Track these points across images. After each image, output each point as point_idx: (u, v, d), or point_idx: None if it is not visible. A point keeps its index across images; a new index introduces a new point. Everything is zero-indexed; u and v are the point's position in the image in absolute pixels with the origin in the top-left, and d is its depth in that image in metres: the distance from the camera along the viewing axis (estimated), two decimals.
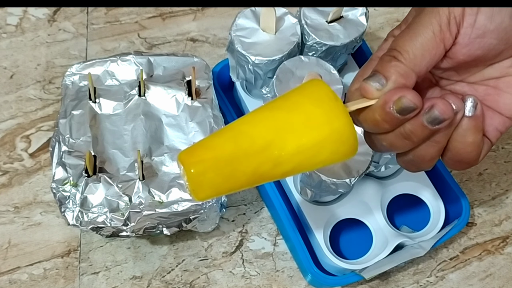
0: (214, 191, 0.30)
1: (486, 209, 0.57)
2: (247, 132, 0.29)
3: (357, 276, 0.48)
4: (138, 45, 0.63)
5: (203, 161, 0.29)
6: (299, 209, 0.51)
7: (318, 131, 0.29)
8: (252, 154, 0.29)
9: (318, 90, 0.30)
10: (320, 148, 0.29)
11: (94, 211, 0.45)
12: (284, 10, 0.50)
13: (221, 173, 0.29)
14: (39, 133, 0.58)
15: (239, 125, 0.30)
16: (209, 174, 0.29)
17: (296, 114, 0.29)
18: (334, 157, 0.30)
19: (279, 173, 0.30)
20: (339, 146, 0.29)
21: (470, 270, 0.54)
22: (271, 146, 0.29)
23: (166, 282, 0.52)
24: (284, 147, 0.29)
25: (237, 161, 0.29)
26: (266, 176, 0.30)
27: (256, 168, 0.29)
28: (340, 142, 0.29)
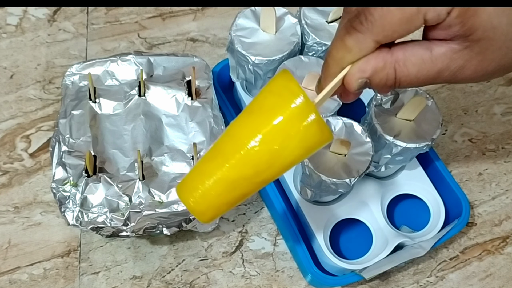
0: (216, 211, 0.32)
1: (486, 209, 0.57)
2: (229, 154, 0.31)
3: (357, 276, 0.48)
4: (138, 45, 0.63)
5: (196, 190, 0.31)
6: (299, 209, 0.51)
7: (285, 133, 0.30)
8: (240, 175, 0.31)
9: (280, 85, 0.30)
10: (290, 146, 0.30)
11: (94, 211, 0.45)
12: (284, 10, 0.50)
13: (217, 195, 0.31)
14: (39, 133, 0.58)
15: (221, 146, 0.32)
16: (205, 201, 0.32)
17: (265, 119, 0.30)
18: (307, 146, 0.31)
19: (271, 175, 0.31)
20: (308, 138, 0.30)
21: (470, 270, 0.54)
22: (254, 163, 0.30)
23: (166, 282, 0.52)
24: (261, 160, 0.30)
25: (228, 183, 0.31)
26: (254, 186, 0.32)
27: (247, 184, 0.31)
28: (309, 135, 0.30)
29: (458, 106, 0.62)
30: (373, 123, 0.46)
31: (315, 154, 0.44)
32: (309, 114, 0.29)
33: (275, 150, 0.30)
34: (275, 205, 0.50)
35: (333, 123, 0.46)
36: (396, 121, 0.47)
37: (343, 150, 0.44)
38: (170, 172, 0.48)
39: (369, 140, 0.45)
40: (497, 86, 0.63)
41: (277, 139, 0.30)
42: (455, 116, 0.62)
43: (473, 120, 0.61)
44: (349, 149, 0.44)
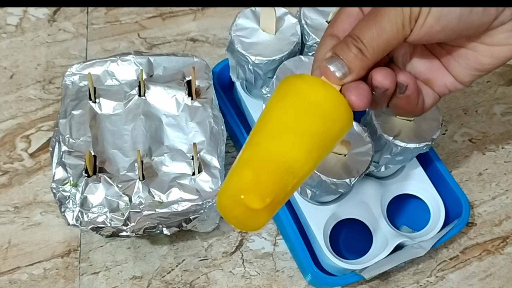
0: (271, 215, 0.31)
1: (486, 209, 0.57)
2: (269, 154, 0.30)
3: (357, 276, 0.48)
4: (138, 45, 0.63)
5: (244, 178, 0.30)
6: (299, 209, 0.51)
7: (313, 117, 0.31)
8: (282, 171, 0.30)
9: (291, 87, 0.31)
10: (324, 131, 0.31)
11: (94, 211, 0.45)
12: (284, 10, 0.50)
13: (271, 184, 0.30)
14: (39, 133, 0.58)
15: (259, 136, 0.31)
16: (259, 193, 0.30)
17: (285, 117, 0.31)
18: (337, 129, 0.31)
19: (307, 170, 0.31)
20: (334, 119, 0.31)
21: (470, 270, 0.54)
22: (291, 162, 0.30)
23: (166, 282, 0.52)
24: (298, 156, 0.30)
25: (281, 169, 0.30)
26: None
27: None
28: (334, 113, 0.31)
29: (458, 106, 0.62)
30: (373, 123, 0.46)
31: None
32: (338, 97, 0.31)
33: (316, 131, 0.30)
34: None
35: None
36: (396, 121, 0.47)
37: (343, 150, 0.44)
38: (170, 172, 0.48)
39: (369, 140, 0.45)
40: (497, 86, 0.63)
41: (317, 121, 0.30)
42: (455, 116, 0.62)
43: (473, 120, 0.61)
44: (349, 149, 0.44)
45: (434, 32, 0.30)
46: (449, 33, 0.30)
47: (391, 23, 0.29)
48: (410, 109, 0.34)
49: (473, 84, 0.63)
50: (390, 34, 0.30)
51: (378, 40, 0.30)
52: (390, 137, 0.45)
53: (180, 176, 0.47)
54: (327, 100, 0.31)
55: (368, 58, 0.30)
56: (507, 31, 0.30)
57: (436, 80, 0.34)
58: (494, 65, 0.32)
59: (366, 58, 0.30)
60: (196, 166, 0.47)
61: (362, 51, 0.30)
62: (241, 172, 0.31)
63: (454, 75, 0.34)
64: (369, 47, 0.30)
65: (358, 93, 0.31)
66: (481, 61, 0.32)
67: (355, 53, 0.30)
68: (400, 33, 0.30)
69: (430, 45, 0.35)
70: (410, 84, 0.32)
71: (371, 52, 0.30)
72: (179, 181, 0.47)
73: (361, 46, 0.30)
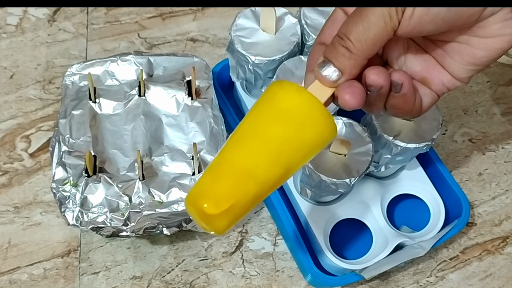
0: (233, 214, 0.31)
1: (486, 209, 0.57)
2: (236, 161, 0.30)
3: (357, 276, 0.48)
4: (138, 45, 0.63)
5: (210, 192, 0.30)
6: (299, 209, 0.51)
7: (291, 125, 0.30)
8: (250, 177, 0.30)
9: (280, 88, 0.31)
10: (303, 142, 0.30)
11: (94, 211, 0.45)
12: (284, 10, 0.50)
13: (232, 194, 0.30)
14: (39, 133, 0.58)
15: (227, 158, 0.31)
16: (220, 203, 0.30)
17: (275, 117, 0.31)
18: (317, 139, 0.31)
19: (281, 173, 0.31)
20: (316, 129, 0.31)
21: (470, 270, 0.54)
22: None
23: (166, 282, 0.52)
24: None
25: (243, 177, 0.30)
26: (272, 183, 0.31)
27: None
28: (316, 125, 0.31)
29: (458, 106, 0.62)
30: (373, 123, 0.46)
31: None
32: (318, 108, 0.30)
33: (285, 140, 0.30)
34: (275, 205, 0.50)
35: None
36: (396, 121, 0.47)
37: (343, 150, 0.44)
38: (170, 172, 0.48)
39: (369, 140, 0.45)
40: (497, 86, 0.63)
41: (290, 133, 0.30)
42: (455, 116, 0.62)
43: (473, 120, 0.61)
44: (349, 149, 0.44)
45: (424, 23, 0.29)
46: (440, 23, 0.29)
47: (377, 15, 0.29)
48: (407, 109, 0.34)
49: (473, 84, 0.63)
50: (378, 27, 0.29)
51: (366, 35, 0.29)
52: (390, 137, 0.45)
53: (180, 176, 0.47)
54: (300, 106, 0.30)
55: (357, 55, 0.30)
56: (499, 21, 0.30)
57: (433, 79, 0.34)
58: (489, 58, 0.32)
59: (355, 56, 0.30)
60: (196, 166, 0.47)
61: (350, 49, 0.30)
62: (203, 177, 0.31)
63: (451, 72, 0.34)
64: (356, 43, 0.30)
65: (351, 91, 0.31)
66: (476, 54, 0.32)
67: (342, 52, 0.30)
68: (388, 25, 0.29)
69: (424, 43, 0.34)
70: (405, 82, 0.32)
71: (360, 48, 0.30)
72: (179, 181, 0.47)
73: (348, 43, 0.30)
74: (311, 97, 0.30)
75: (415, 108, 0.34)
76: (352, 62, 0.30)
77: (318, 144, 0.31)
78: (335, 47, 0.30)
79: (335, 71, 0.31)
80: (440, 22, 0.29)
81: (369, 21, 0.29)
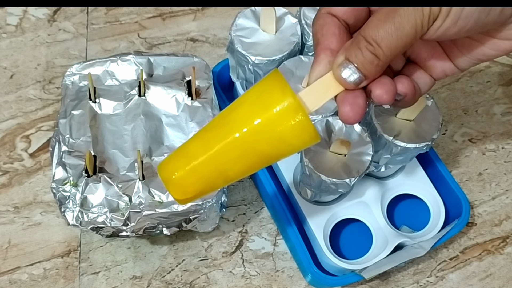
0: (196, 189, 0.32)
1: (486, 209, 0.57)
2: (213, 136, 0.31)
3: (357, 276, 0.48)
4: (138, 45, 0.63)
5: (179, 168, 0.31)
6: (299, 209, 0.51)
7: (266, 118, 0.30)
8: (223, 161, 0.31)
9: (271, 84, 0.30)
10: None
11: (94, 211, 0.45)
12: (284, 10, 0.50)
13: (197, 174, 0.31)
14: (39, 133, 0.58)
15: (211, 130, 0.32)
16: (187, 179, 0.32)
17: (254, 112, 0.30)
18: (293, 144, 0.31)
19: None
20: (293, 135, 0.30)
21: (470, 270, 0.54)
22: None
23: (166, 282, 0.52)
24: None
25: (208, 163, 0.31)
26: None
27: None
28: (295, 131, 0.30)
29: (458, 106, 0.62)
30: (373, 123, 0.46)
31: (315, 154, 0.44)
32: (296, 114, 0.29)
33: (260, 141, 0.30)
34: (275, 205, 0.50)
35: (333, 123, 0.46)
36: (396, 121, 0.47)
37: (343, 150, 0.44)
38: None
39: (369, 140, 0.45)
40: (497, 86, 0.63)
41: (264, 133, 0.30)
42: (455, 116, 0.62)
43: (473, 120, 0.61)
44: (349, 149, 0.44)
45: (449, 34, 0.29)
46: (463, 33, 0.29)
47: (411, 23, 0.28)
48: (406, 106, 0.34)
49: (473, 84, 0.63)
50: (409, 35, 0.28)
51: (396, 42, 0.28)
52: (390, 137, 0.45)
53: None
54: (292, 131, 0.29)
55: (384, 62, 0.29)
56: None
57: (436, 67, 0.34)
58: (496, 56, 0.32)
59: (382, 63, 0.29)
60: None
61: (379, 56, 0.29)
62: (179, 161, 0.32)
63: (455, 63, 0.33)
64: (386, 51, 0.28)
65: (353, 110, 0.30)
66: (486, 52, 0.32)
67: (371, 59, 0.29)
68: (419, 33, 0.28)
69: None
70: (408, 93, 0.32)
71: (388, 55, 0.29)
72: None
73: (378, 51, 0.29)
74: (306, 122, 0.29)
75: (413, 102, 0.34)
76: (378, 69, 0.29)
77: (294, 150, 0.31)
78: (363, 52, 0.29)
79: (357, 74, 0.29)
80: (464, 33, 0.29)
81: (402, 29, 0.28)
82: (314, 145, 0.44)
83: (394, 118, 0.47)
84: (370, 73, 0.29)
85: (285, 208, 0.50)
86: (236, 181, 0.33)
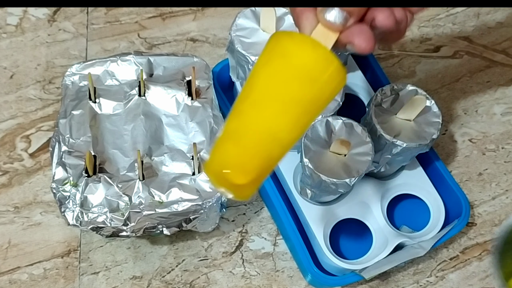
0: (255, 175, 0.30)
1: (486, 209, 0.57)
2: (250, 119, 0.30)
3: (357, 276, 0.48)
4: (138, 45, 0.63)
5: (229, 152, 0.29)
6: (299, 209, 0.51)
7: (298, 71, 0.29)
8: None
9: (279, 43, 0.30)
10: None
11: (94, 211, 0.46)
12: (284, 10, 0.50)
13: (253, 155, 0.29)
14: (39, 133, 0.58)
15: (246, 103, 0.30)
16: (243, 157, 0.29)
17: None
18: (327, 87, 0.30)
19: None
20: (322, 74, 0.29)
21: (470, 270, 0.54)
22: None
23: (166, 282, 0.52)
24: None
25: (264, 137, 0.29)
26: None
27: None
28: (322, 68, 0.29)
29: (458, 106, 0.62)
30: (373, 123, 0.46)
31: (315, 154, 0.44)
32: (314, 48, 0.29)
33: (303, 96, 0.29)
34: (275, 205, 0.50)
35: (333, 123, 0.46)
36: (396, 121, 0.47)
37: (343, 150, 0.44)
38: (170, 172, 0.48)
39: (369, 140, 0.45)
40: (497, 86, 0.63)
41: (292, 79, 0.29)
42: (455, 116, 0.62)
43: (473, 120, 0.61)
44: (349, 149, 0.44)
45: None
46: None
47: None
48: (398, 39, 0.34)
49: (473, 84, 0.63)
50: None
51: None
52: (390, 137, 0.45)
53: (180, 176, 0.47)
54: (317, 63, 0.29)
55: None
56: None
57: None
58: None
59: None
60: (196, 166, 0.47)
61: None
62: (225, 146, 0.30)
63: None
64: None
65: (365, 38, 0.29)
66: None
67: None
68: None
69: None
70: (404, 20, 0.32)
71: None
72: (179, 181, 0.47)
73: None
74: (326, 51, 0.29)
75: (396, 36, 0.34)
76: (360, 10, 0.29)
77: (331, 99, 0.30)
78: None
79: (342, 14, 0.29)
80: None
81: None
82: (314, 145, 0.44)
83: (394, 118, 0.47)
84: (353, 9, 0.29)
85: (285, 208, 0.50)
86: (293, 144, 0.30)
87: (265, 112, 0.29)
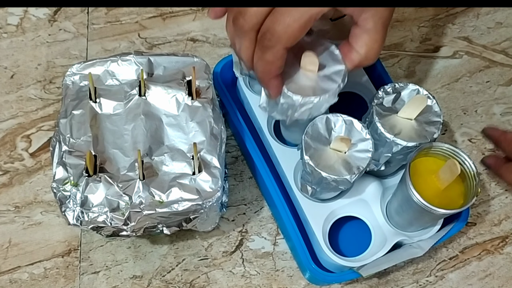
0: None
1: (486, 209, 0.57)
2: None
3: (355, 274, 0.48)
4: (138, 45, 0.63)
5: None
6: (299, 206, 0.51)
7: None
8: None
9: None
10: None
11: (94, 210, 0.46)
12: None
13: None
14: (39, 132, 0.58)
15: None
16: None
17: None
18: None
19: None
20: None
21: (469, 270, 0.54)
22: None
23: (166, 282, 0.52)
24: None
25: None
26: None
27: None
28: None
29: (458, 106, 0.62)
30: (374, 121, 0.46)
31: (316, 151, 0.44)
32: None
33: None
34: (275, 201, 0.50)
35: (333, 120, 0.46)
36: (397, 120, 0.47)
37: (343, 147, 0.44)
38: (170, 171, 0.48)
39: (369, 137, 0.45)
40: (496, 86, 0.63)
41: None
42: (455, 116, 0.62)
43: (473, 120, 0.61)
44: (349, 146, 0.44)
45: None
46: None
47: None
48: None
49: (472, 84, 0.63)
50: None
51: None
52: (390, 135, 0.45)
53: (180, 176, 0.47)
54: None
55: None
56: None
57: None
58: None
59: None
60: (196, 166, 0.47)
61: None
62: None
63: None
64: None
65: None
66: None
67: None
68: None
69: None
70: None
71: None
72: (179, 181, 0.47)
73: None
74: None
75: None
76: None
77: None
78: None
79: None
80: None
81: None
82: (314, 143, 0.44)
83: (395, 116, 0.47)
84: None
85: (285, 205, 0.50)
86: None
87: None
